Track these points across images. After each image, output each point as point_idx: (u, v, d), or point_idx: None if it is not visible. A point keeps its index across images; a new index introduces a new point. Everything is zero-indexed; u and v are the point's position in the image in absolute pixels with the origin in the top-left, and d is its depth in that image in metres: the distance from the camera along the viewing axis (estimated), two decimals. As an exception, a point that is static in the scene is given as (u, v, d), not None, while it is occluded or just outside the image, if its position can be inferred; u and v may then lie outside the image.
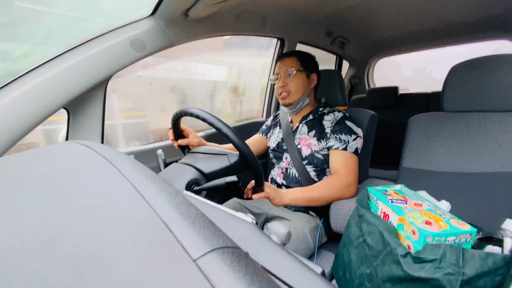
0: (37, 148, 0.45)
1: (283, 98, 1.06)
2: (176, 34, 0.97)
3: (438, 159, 0.96)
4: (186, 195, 0.47)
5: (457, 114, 0.97)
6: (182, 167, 0.71)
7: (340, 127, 1.00)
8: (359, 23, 1.69)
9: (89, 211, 0.27)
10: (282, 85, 1.05)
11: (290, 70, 1.04)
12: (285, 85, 1.04)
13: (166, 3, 0.86)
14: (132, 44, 0.87)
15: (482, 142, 0.89)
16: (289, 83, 1.04)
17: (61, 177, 0.34)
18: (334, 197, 0.92)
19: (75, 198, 0.29)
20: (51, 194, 0.30)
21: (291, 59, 1.06)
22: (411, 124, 1.05)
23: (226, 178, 0.63)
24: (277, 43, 1.57)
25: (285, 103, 1.06)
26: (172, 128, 0.82)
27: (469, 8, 1.45)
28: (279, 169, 1.13)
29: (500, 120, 0.88)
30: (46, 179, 0.33)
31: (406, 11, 1.49)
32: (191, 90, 1.62)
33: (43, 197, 0.29)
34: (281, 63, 1.08)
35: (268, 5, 1.19)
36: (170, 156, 1.08)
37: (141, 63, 1.11)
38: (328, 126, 1.03)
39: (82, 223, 0.25)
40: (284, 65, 1.06)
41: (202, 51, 1.64)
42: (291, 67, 1.05)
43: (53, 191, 0.31)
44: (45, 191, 0.31)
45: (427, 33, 1.89)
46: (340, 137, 0.99)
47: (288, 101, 1.06)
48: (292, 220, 0.97)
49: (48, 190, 0.31)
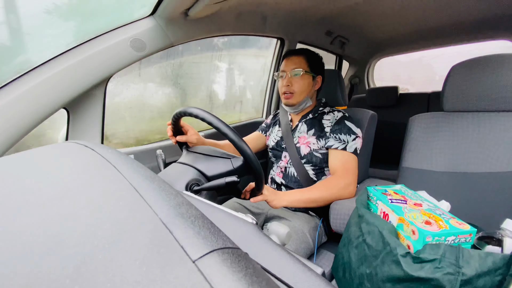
0: (37, 148, 0.45)
1: (287, 98, 1.05)
2: (176, 34, 0.97)
3: (438, 159, 0.95)
4: (186, 195, 0.47)
5: (457, 114, 0.97)
6: (182, 167, 0.71)
7: (339, 127, 1.00)
8: (359, 23, 1.69)
9: (88, 211, 0.27)
10: (287, 84, 1.04)
11: (298, 71, 1.02)
12: (290, 84, 1.03)
13: (166, 3, 0.86)
14: (132, 43, 0.87)
15: (482, 142, 0.89)
16: (295, 83, 1.03)
17: (60, 177, 0.34)
18: (332, 197, 0.91)
19: (74, 198, 0.29)
20: (51, 194, 0.30)
21: (299, 58, 1.04)
22: (411, 124, 1.05)
23: (226, 178, 0.63)
24: (277, 42, 1.57)
25: (288, 103, 1.06)
26: (171, 124, 0.80)
27: (469, 8, 1.45)
28: (278, 168, 1.13)
29: (500, 120, 0.88)
30: (46, 179, 0.33)
31: (406, 11, 1.49)
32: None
33: (43, 197, 0.29)
34: (288, 60, 1.06)
35: (268, 5, 1.19)
36: (170, 156, 1.08)
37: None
38: (328, 125, 1.03)
39: (81, 223, 0.25)
40: (292, 63, 1.04)
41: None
42: (298, 67, 1.03)
43: (53, 191, 0.31)
44: (45, 191, 0.31)
45: (428, 33, 1.89)
46: (339, 136, 0.99)
47: (291, 102, 1.05)
48: (292, 220, 0.97)
49: (48, 190, 0.31)
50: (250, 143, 1.21)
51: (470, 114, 0.94)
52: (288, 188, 1.09)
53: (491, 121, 0.89)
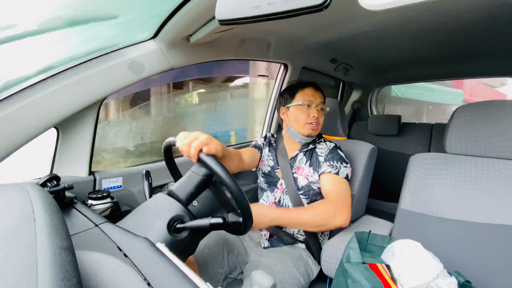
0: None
1: (313, 129, 1.03)
2: (176, 57, 0.96)
3: (436, 203, 0.91)
4: (158, 249, 0.44)
5: (459, 157, 0.93)
6: (168, 200, 0.67)
7: (332, 155, 1.02)
8: (364, 51, 1.69)
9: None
10: (316, 116, 1.03)
11: (325, 106, 1.08)
12: (319, 116, 1.05)
13: (168, 29, 0.85)
14: (130, 66, 0.86)
15: (483, 190, 0.85)
16: (320, 117, 1.06)
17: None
18: (321, 222, 0.86)
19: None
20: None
21: (320, 95, 1.09)
22: (412, 163, 1.01)
23: (210, 219, 0.60)
24: (280, 67, 1.57)
25: (312, 134, 1.04)
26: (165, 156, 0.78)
27: (473, 44, 1.45)
28: (271, 197, 1.09)
29: (504, 168, 0.84)
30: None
31: (412, 42, 1.48)
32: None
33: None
34: (315, 92, 1.07)
35: (272, 32, 1.19)
36: (158, 179, 1.05)
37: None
38: (321, 154, 1.04)
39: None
40: (319, 97, 1.07)
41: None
42: (323, 101, 1.08)
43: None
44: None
45: (432, 65, 1.88)
46: (332, 163, 1.00)
47: (314, 134, 1.05)
48: (278, 260, 0.92)
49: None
50: (247, 156, 1.10)
51: (473, 159, 0.90)
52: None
53: (494, 168, 0.86)
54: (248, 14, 0.41)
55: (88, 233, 0.52)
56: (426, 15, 1.02)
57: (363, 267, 0.60)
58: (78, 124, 0.84)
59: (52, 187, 0.65)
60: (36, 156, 0.85)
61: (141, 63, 0.89)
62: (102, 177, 0.90)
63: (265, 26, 1.10)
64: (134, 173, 0.99)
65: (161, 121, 1.92)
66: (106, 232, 0.52)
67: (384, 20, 1.09)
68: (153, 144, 1.67)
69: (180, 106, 2.24)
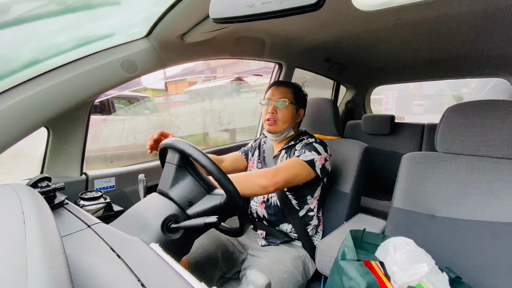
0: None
1: (269, 125, 1.05)
2: (170, 56, 0.95)
3: (428, 201, 0.93)
4: (152, 249, 0.44)
5: (450, 155, 0.95)
6: (162, 199, 0.67)
7: (307, 147, 0.99)
8: (357, 52, 1.70)
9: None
10: (271, 111, 1.04)
11: (283, 100, 1.04)
12: (275, 112, 1.04)
13: (161, 27, 0.84)
14: (123, 64, 0.85)
15: (473, 188, 0.86)
16: (279, 112, 1.04)
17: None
18: (249, 179, 0.82)
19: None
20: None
21: (286, 90, 1.06)
22: (404, 162, 1.03)
23: (205, 219, 0.60)
24: (275, 66, 1.57)
25: (270, 130, 1.06)
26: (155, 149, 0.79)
27: (466, 45, 1.47)
28: (260, 196, 1.10)
29: (493, 167, 0.86)
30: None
31: (406, 43, 1.51)
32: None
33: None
34: (276, 89, 1.07)
35: (267, 32, 1.19)
36: (153, 179, 1.04)
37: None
38: (298, 148, 1.03)
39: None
40: (279, 92, 1.06)
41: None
42: (285, 97, 1.05)
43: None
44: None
45: (425, 65, 1.91)
46: (300, 150, 0.99)
47: (274, 130, 1.05)
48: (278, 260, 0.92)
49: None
50: (228, 162, 1.16)
51: (464, 158, 0.92)
52: (269, 222, 1.06)
53: (484, 167, 0.87)
54: (242, 12, 0.41)
55: (80, 234, 0.51)
56: (419, 16, 1.03)
57: (358, 265, 0.61)
58: (70, 123, 0.82)
59: (43, 188, 0.64)
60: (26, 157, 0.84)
61: (134, 62, 0.87)
62: (94, 177, 0.89)
63: (260, 25, 1.10)
64: (127, 173, 0.98)
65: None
66: (98, 233, 0.51)
67: (378, 21, 1.10)
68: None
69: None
